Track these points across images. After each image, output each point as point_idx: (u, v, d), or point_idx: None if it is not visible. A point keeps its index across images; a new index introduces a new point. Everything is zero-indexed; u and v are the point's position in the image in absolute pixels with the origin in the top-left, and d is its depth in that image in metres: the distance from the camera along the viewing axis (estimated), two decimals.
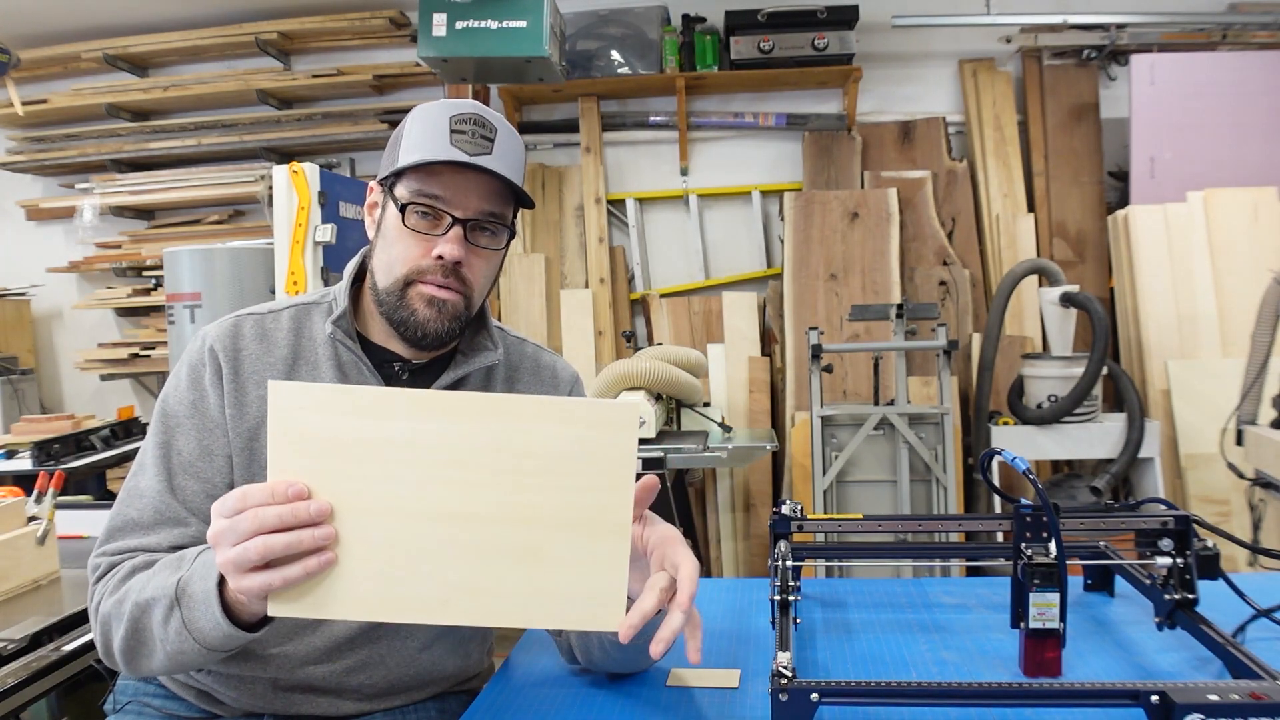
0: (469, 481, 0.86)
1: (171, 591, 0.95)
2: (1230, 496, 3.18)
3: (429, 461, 0.85)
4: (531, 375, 1.28)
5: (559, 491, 0.86)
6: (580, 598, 0.87)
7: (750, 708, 1.05)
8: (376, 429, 0.84)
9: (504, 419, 0.86)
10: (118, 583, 1.02)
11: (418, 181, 1.09)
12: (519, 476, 0.86)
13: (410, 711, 1.20)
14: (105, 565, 1.05)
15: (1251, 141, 3.59)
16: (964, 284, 3.80)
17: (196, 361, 1.13)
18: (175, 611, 0.94)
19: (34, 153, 4.34)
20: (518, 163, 1.13)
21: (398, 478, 0.85)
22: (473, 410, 0.86)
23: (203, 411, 1.11)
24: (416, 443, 0.85)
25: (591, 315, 4.02)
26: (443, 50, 3.23)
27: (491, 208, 1.11)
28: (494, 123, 1.10)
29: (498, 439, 0.85)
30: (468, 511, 0.86)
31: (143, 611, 0.97)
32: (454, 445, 0.85)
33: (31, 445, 3.11)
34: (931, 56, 4.03)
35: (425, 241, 1.10)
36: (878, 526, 1.25)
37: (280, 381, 0.84)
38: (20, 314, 4.42)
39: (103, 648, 1.04)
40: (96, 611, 1.03)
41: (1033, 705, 0.97)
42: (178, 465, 1.09)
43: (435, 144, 1.07)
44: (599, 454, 0.86)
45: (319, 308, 1.19)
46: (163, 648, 0.97)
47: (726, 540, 3.81)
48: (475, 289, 1.14)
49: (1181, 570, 1.13)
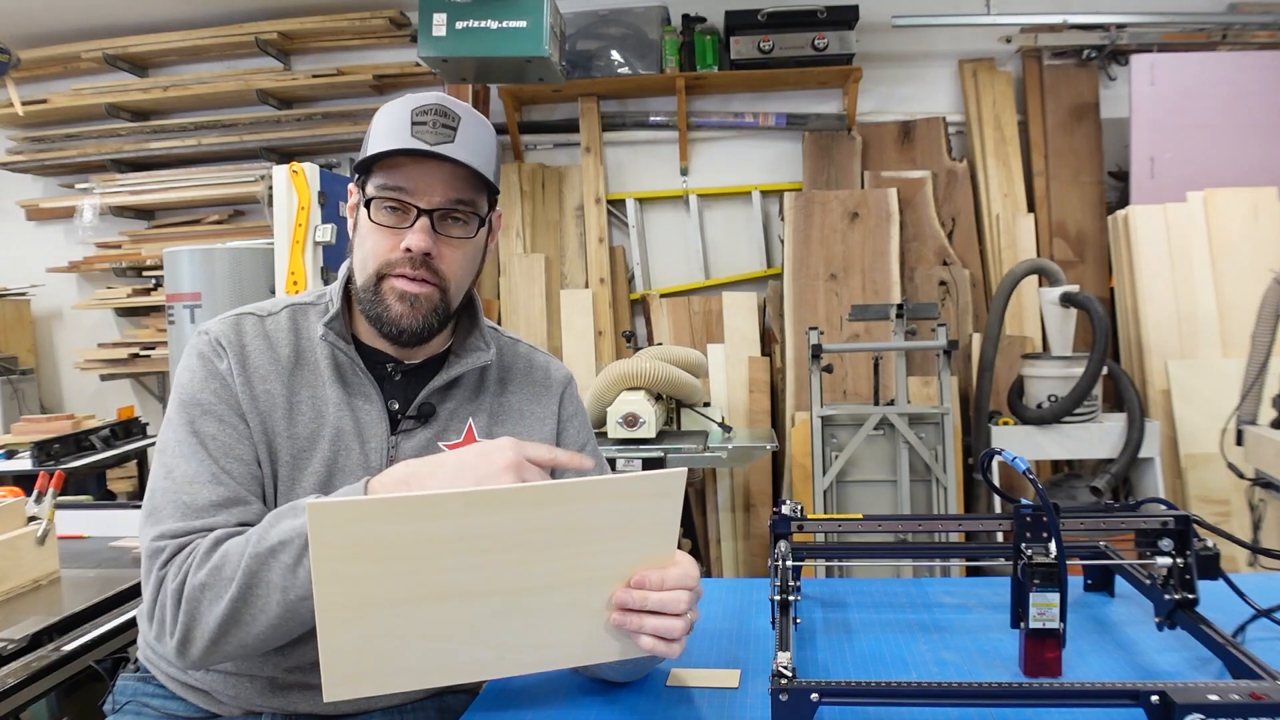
0: (522, 561, 0.86)
1: (302, 530, 0.91)
2: (1230, 496, 3.18)
3: (482, 549, 0.85)
4: (524, 376, 1.27)
5: (610, 555, 0.89)
6: (615, 637, 0.91)
7: (750, 708, 1.05)
8: (427, 530, 0.83)
9: (556, 505, 0.86)
10: (204, 554, 0.98)
11: (383, 176, 1.09)
12: (571, 549, 0.87)
13: (410, 711, 1.20)
14: (174, 547, 1.00)
15: (1251, 141, 3.59)
16: (964, 284, 3.80)
17: (209, 353, 1.12)
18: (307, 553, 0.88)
19: (34, 153, 4.34)
20: (485, 149, 1.12)
21: (450, 566, 0.84)
22: (525, 501, 0.86)
23: (226, 399, 1.10)
24: (468, 535, 0.84)
25: (591, 315, 4.02)
26: (443, 50, 3.23)
27: (459, 195, 1.10)
28: (457, 111, 1.10)
29: (550, 521, 0.86)
30: (522, 586, 0.87)
31: (261, 563, 0.95)
32: (508, 533, 0.85)
33: (31, 445, 3.11)
34: (931, 56, 4.03)
35: (393, 235, 1.09)
36: (878, 526, 1.25)
37: (318, 501, 0.81)
38: (20, 314, 4.42)
39: (183, 628, 0.97)
40: (179, 591, 0.98)
41: (1033, 705, 0.97)
42: (217, 450, 1.07)
43: (397, 136, 1.07)
44: (651, 518, 0.89)
45: (314, 308, 1.19)
46: (284, 597, 0.94)
47: (726, 540, 3.81)
48: (451, 280, 1.13)
49: (1181, 570, 1.13)
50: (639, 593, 0.93)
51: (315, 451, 1.12)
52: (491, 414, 1.22)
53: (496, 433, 1.21)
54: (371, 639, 0.85)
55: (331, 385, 1.14)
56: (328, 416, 1.13)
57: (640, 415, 2.91)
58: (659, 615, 0.93)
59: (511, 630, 0.88)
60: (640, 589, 0.93)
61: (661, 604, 0.93)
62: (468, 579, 0.85)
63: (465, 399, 1.20)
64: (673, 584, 0.94)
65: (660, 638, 0.93)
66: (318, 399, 1.13)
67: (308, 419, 1.12)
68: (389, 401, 1.16)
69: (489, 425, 1.21)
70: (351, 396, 1.14)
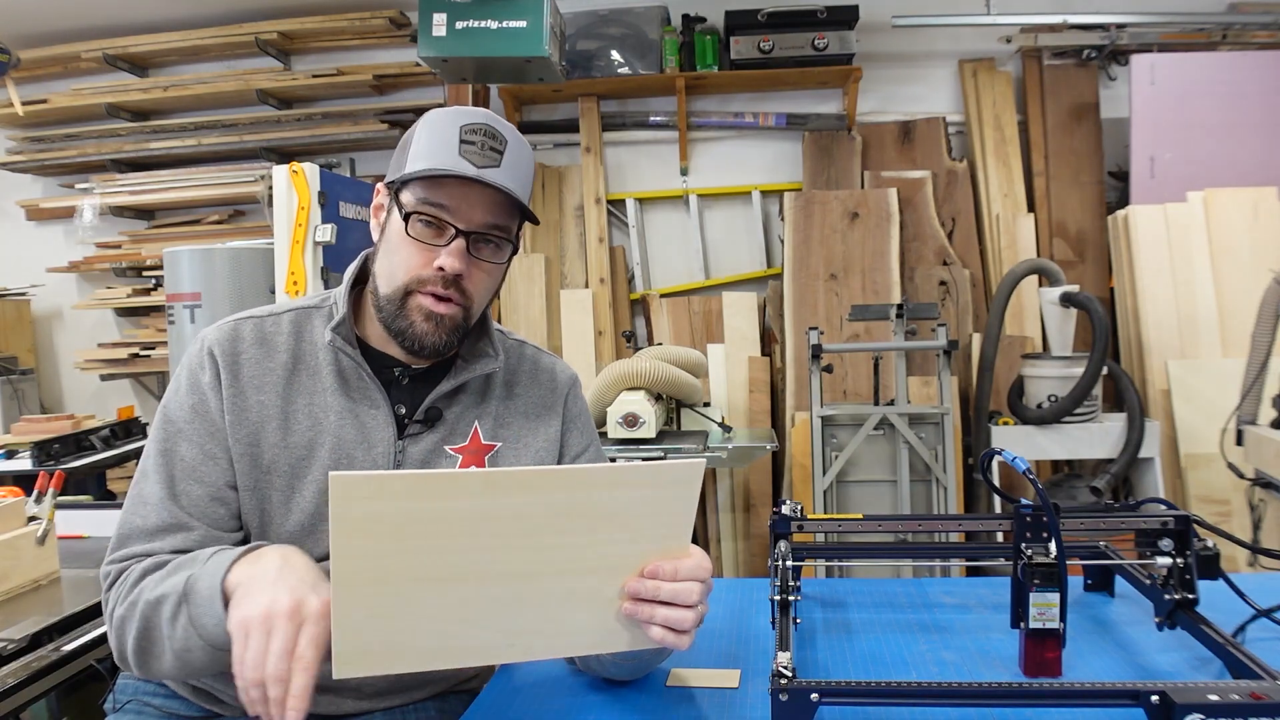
0: (537, 546, 0.87)
1: (180, 588, 0.95)
2: (1230, 496, 3.18)
3: (500, 532, 0.86)
4: (530, 379, 1.27)
5: (625, 543, 0.89)
6: (623, 626, 0.91)
7: (750, 708, 1.05)
8: (446, 509, 0.84)
9: (576, 489, 0.87)
10: (129, 587, 1.03)
11: (424, 190, 1.08)
12: (588, 536, 0.88)
13: (410, 711, 1.20)
14: (115, 572, 1.06)
15: (1251, 141, 3.59)
16: (964, 284, 3.80)
17: (195, 365, 1.13)
18: (183, 608, 0.95)
19: (34, 153, 4.34)
20: (526, 175, 1.12)
21: (466, 548, 0.85)
22: (545, 484, 0.87)
23: (203, 415, 1.10)
24: (487, 516, 0.85)
25: (591, 315, 4.02)
26: (443, 50, 3.23)
27: (496, 220, 1.10)
28: (504, 134, 1.09)
29: (569, 506, 0.87)
30: (536, 571, 0.87)
31: (153, 610, 0.98)
32: (526, 516, 0.86)
33: (31, 445, 3.11)
34: (931, 56, 4.03)
35: (427, 251, 1.09)
36: (878, 526, 1.26)
37: (341, 474, 0.82)
38: (20, 314, 4.42)
39: (118, 652, 1.04)
40: (111, 617, 1.04)
41: (1033, 705, 0.97)
42: (180, 471, 1.09)
43: (444, 154, 1.06)
44: (667, 508, 0.89)
45: (319, 312, 1.18)
46: (170, 645, 0.97)
47: (726, 540, 3.81)
48: (475, 301, 1.13)
49: (1181, 570, 1.13)
50: (652, 582, 0.92)
51: (314, 461, 1.11)
52: (497, 418, 1.21)
53: (501, 435, 1.21)
54: (385, 617, 0.86)
55: (333, 393, 1.14)
56: (327, 425, 1.12)
57: (640, 415, 2.92)
58: (670, 606, 0.92)
59: (523, 616, 0.88)
60: (653, 579, 0.92)
61: (674, 595, 0.92)
62: (482, 561, 0.86)
63: (471, 403, 1.20)
64: (685, 575, 0.93)
65: (670, 629, 0.93)
66: (315, 407, 1.13)
67: (304, 428, 1.12)
68: (396, 406, 1.16)
69: (494, 429, 1.21)
70: (355, 403, 1.14)
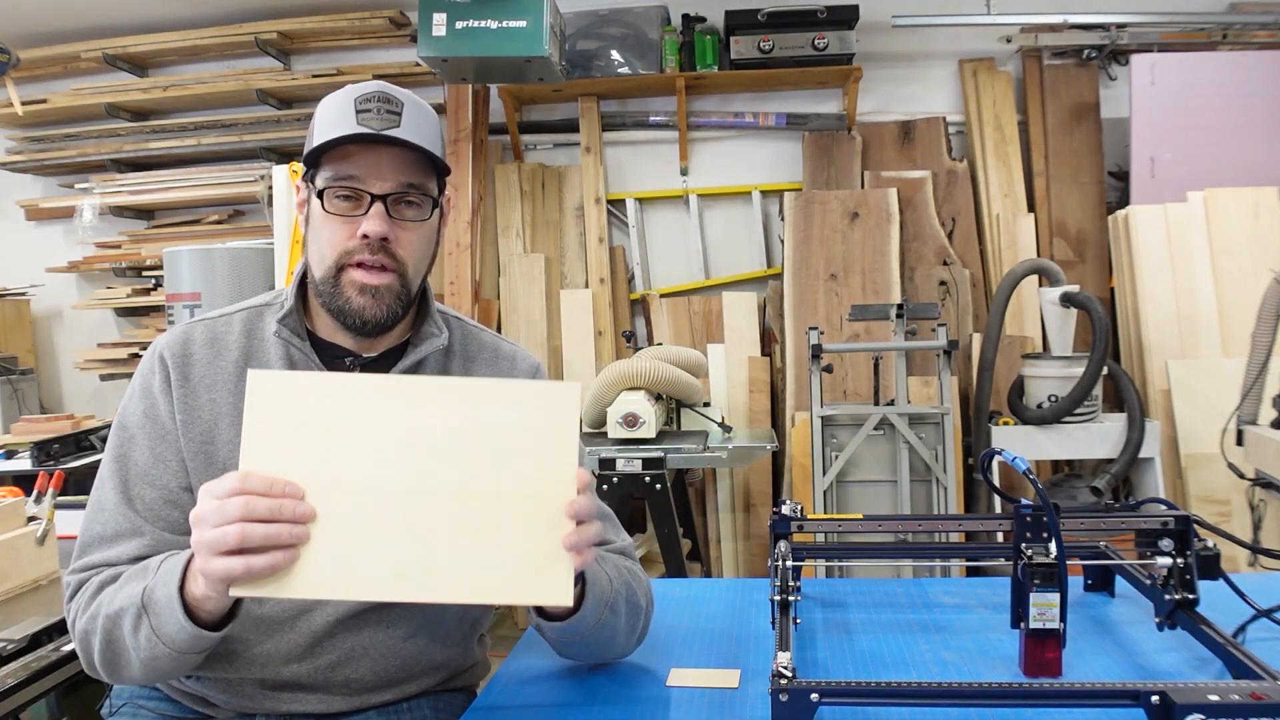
0: (424, 462, 0.90)
1: (138, 600, 0.97)
2: (1230, 496, 3.18)
3: (389, 443, 0.90)
4: (489, 362, 1.27)
5: (508, 469, 0.91)
6: (528, 573, 0.90)
7: (750, 708, 1.05)
8: (343, 413, 0.90)
9: (458, 401, 0.91)
10: (88, 599, 1.04)
11: (332, 166, 1.10)
12: (470, 457, 0.90)
13: (404, 710, 1.19)
14: (75, 583, 1.07)
15: (1251, 141, 3.59)
16: (964, 284, 3.80)
17: (147, 371, 1.15)
18: (143, 619, 0.96)
19: (34, 153, 4.34)
20: (431, 131, 1.13)
21: (359, 459, 0.89)
22: (430, 392, 0.91)
23: (154, 419, 1.12)
24: (378, 425, 0.90)
25: (591, 315, 4.01)
26: (443, 50, 3.23)
27: (410, 179, 1.11)
28: (399, 97, 1.11)
29: (452, 421, 0.90)
30: (422, 490, 0.90)
31: (114, 624, 0.99)
32: (412, 427, 0.90)
33: (31, 445, 3.12)
34: (931, 56, 4.03)
35: (349, 223, 1.10)
36: (878, 526, 1.25)
37: (259, 371, 0.89)
38: (20, 314, 4.42)
39: (85, 662, 1.05)
40: (74, 629, 1.05)
41: (1033, 705, 0.97)
42: (133, 475, 1.10)
43: (342, 125, 1.08)
44: (543, 432, 0.91)
45: (270, 309, 1.19)
46: (136, 656, 0.98)
47: (726, 540, 3.81)
48: (409, 264, 1.13)
49: (1182, 570, 1.13)
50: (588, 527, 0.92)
51: None
52: None
53: None
54: None
55: None
56: None
57: (640, 415, 2.91)
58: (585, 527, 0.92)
59: (410, 546, 0.89)
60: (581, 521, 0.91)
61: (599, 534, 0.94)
62: (372, 476, 0.89)
63: None
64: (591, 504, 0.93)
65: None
66: None
67: None
68: None
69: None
70: None
